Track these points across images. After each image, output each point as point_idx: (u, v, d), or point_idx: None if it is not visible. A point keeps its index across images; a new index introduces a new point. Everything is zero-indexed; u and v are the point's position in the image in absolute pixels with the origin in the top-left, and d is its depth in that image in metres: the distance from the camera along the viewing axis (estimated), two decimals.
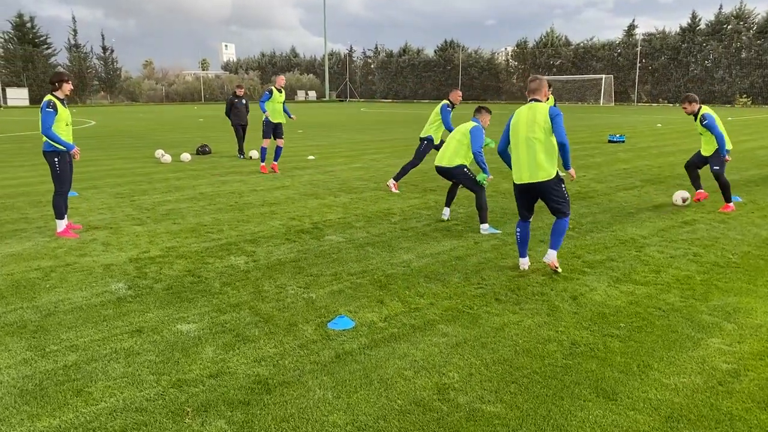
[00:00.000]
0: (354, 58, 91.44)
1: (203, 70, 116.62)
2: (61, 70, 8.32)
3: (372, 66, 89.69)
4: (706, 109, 8.61)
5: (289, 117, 13.03)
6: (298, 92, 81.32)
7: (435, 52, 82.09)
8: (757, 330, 4.41)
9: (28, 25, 67.52)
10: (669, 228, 7.58)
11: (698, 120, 8.57)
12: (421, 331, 4.42)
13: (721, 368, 3.82)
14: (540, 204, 5.89)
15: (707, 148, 8.74)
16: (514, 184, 5.74)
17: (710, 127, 8.45)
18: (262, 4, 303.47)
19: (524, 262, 5.88)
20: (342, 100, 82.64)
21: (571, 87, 64.00)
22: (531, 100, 5.63)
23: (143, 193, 10.22)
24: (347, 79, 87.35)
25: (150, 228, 7.69)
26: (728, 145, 8.56)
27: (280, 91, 12.74)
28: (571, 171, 5.83)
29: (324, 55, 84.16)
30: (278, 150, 12.89)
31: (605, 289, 5.31)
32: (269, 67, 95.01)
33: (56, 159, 7.18)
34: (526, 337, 4.33)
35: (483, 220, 7.44)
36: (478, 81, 76.45)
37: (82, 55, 70.53)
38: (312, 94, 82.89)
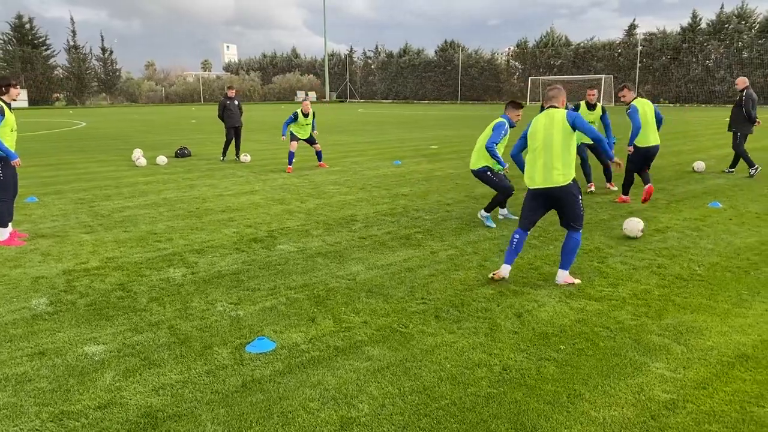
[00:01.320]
0: (354, 59, 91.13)
1: (205, 70, 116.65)
2: (7, 74, 8.09)
3: (372, 67, 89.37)
4: (637, 101, 9.17)
5: (312, 130, 13.42)
6: (298, 93, 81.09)
7: (435, 52, 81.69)
8: (706, 353, 4.07)
9: (27, 26, 67.46)
10: (640, 237, 7.23)
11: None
12: (345, 355, 4.10)
13: (658, 399, 3.49)
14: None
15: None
16: (528, 189, 5.53)
17: (630, 117, 9.07)
18: (266, 5, 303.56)
19: (506, 270, 5.54)
20: (342, 101, 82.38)
21: (571, 87, 63.39)
22: (549, 107, 5.48)
23: (105, 199, 9.93)
24: (347, 79, 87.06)
25: (98, 236, 7.40)
26: (646, 142, 9.15)
27: (306, 115, 13.03)
28: (616, 159, 5.60)
29: (324, 56, 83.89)
30: (318, 153, 13.73)
31: (555, 306, 4.97)
32: (270, 67, 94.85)
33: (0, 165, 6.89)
34: (455, 360, 4.00)
35: (487, 210, 7.88)
36: (478, 81, 76.04)
37: (81, 56, 70.46)
38: (312, 95, 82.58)
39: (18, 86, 7.16)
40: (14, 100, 7.09)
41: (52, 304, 5.08)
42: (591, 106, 10.88)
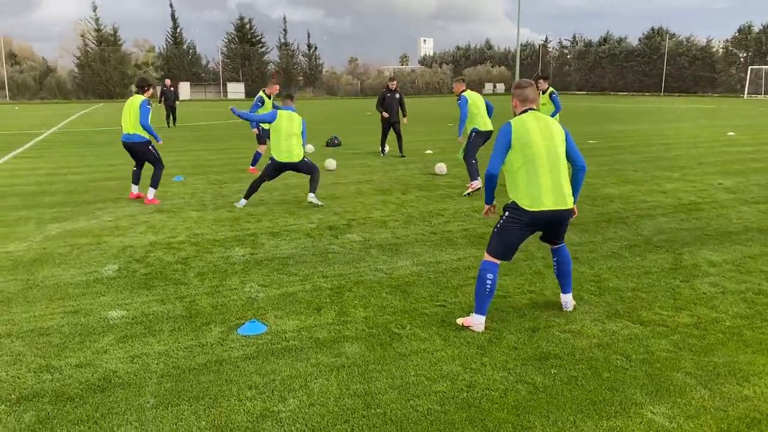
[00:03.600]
0: (549, 49, 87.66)
1: (402, 64, 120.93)
2: (146, 77, 10.73)
3: (568, 57, 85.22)
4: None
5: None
6: (486, 85, 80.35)
7: (639, 40, 75.36)
8: (732, 404, 3.24)
9: (247, 26, 75.88)
10: (762, 255, 5.98)
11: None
12: (319, 348, 4.01)
13: None
14: None
15: None
16: (525, 211, 4.18)
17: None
18: None
19: (481, 321, 4.30)
20: None
21: None
22: (528, 110, 4.36)
23: (236, 181, 10.83)
24: (539, 70, 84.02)
25: (203, 214, 8.11)
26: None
27: (269, 97, 12.33)
28: (575, 207, 4.39)
29: (516, 47, 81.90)
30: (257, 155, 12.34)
31: (586, 324, 4.33)
32: (462, 60, 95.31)
33: (150, 147, 8.90)
34: (424, 369, 3.70)
35: None
36: (688, 72, 68.64)
37: (290, 53, 77.39)
38: (500, 87, 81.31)
39: (152, 88, 8.93)
40: (153, 98, 8.77)
41: (118, 270, 5.71)
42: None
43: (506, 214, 4.31)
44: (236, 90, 72.64)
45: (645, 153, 14.41)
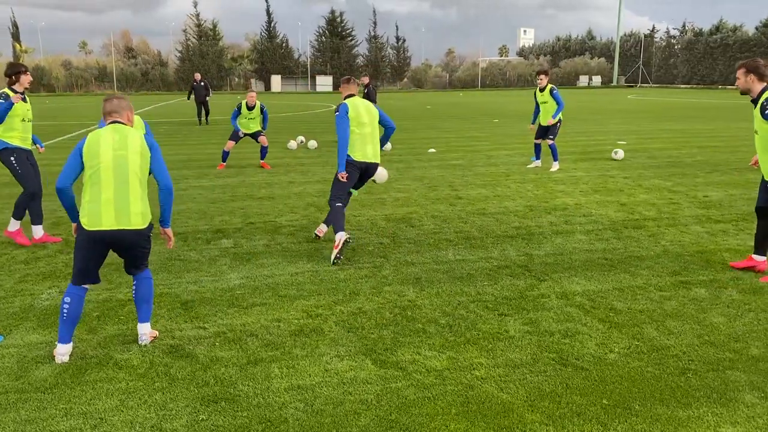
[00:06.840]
0: (655, 39, 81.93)
1: (502, 56, 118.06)
2: (18, 62, 7.88)
3: (676, 47, 79.23)
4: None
5: (263, 128, 12.29)
6: (581, 77, 76.56)
7: (756, 28, 68.57)
8: None
9: (338, 20, 77.08)
10: (638, 287, 5.07)
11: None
12: (15, 369, 3.81)
13: None
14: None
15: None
16: (84, 230, 3.85)
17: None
18: None
19: (65, 351, 3.91)
20: (631, 86, 74.98)
21: None
22: (114, 122, 4.07)
23: (200, 177, 10.86)
24: (640, 62, 78.79)
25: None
26: None
27: (250, 108, 11.93)
28: (169, 231, 4.24)
29: (617, 36, 77.35)
30: (263, 149, 12.27)
31: (321, 360, 3.82)
32: (562, 51, 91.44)
33: (12, 158, 6.34)
34: (72, 404, 3.39)
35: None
36: None
37: (379, 45, 77.75)
38: (597, 79, 77.12)
39: (28, 73, 6.41)
40: (27, 88, 6.39)
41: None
42: None
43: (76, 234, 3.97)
44: (325, 83, 74.10)
45: (668, 157, 12.95)
